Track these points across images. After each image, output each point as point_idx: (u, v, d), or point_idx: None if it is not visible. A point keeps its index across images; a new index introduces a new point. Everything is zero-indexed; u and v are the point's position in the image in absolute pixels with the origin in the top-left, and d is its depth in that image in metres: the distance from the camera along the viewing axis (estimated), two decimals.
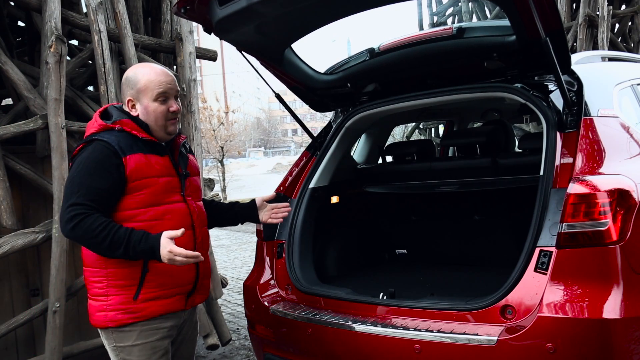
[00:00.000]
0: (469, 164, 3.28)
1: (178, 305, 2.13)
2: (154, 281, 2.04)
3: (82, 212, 1.90)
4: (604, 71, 2.89)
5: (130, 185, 2.00)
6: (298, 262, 2.81)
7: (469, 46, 2.64)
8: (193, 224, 2.15)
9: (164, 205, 2.07)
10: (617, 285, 1.90)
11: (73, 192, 1.94)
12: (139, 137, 2.05)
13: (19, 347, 3.69)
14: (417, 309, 2.31)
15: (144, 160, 2.04)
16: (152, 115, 2.09)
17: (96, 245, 1.93)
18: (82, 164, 1.99)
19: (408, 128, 12.22)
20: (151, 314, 2.05)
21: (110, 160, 1.97)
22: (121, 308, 2.02)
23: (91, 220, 1.90)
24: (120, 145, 2.00)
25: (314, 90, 3.12)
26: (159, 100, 2.08)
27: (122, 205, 2.01)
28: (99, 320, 2.07)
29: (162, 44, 4.39)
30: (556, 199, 2.07)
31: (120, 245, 1.90)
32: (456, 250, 3.54)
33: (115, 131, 2.04)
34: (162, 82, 2.10)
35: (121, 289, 2.02)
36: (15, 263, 3.68)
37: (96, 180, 1.95)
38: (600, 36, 7.85)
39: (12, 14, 4.67)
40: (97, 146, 2.00)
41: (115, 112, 2.13)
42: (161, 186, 2.06)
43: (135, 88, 2.10)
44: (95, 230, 1.89)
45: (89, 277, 2.09)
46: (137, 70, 2.15)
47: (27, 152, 3.76)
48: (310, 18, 2.63)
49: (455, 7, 11.92)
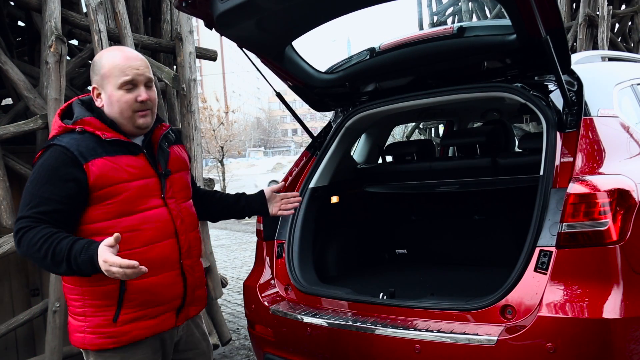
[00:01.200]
0: (469, 164, 3.28)
1: (167, 324, 1.88)
2: (134, 300, 1.78)
3: (26, 225, 1.67)
4: (604, 71, 2.89)
5: (95, 194, 1.74)
6: (298, 262, 2.81)
7: (470, 45, 2.64)
8: (177, 231, 1.88)
9: (140, 213, 1.80)
10: (617, 285, 1.89)
11: (24, 205, 1.71)
12: (103, 138, 1.78)
13: (19, 347, 3.69)
14: (417, 309, 2.31)
15: (110, 164, 1.76)
16: (116, 106, 1.81)
17: (40, 260, 1.67)
18: (36, 172, 1.75)
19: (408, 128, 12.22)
20: (134, 338, 1.80)
21: (66, 168, 1.72)
22: (101, 331, 1.78)
23: (33, 233, 1.65)
24: (81, 150, 1.73)
25: (314, 89, 3.12)
26: (124, 88, 1.80)
27: (88, 217, 1.76)
28: (78, 342, 1.84)
29: (162, 44, 4.39)
30: (556, 198, 2.07)
31: (63, 259, 1.63)
32: (456, 250, 3.54)
33: (76, 133, 1.77)
34: (127, 66, 1.80)
35: (99, 309, 1.78)
36: (15, 263, 3.68)
37: (48, 190, 1.70)
38: (600, 36, 7.85)
39: (12, 13, 4.68)
40: (53, 152, 1.74)
41: (77, 109, 1.85)
42: (134, 191, 1.79)
43: (99, 74, 1.82)
44: (37, 244, 1.64)
45: (66, 294, 1.86)
46: (103, 54, 1.88)
47: (27, 152, 3.76)
48: (311, 14, 2.63)
49: (455, 7, 11.93)
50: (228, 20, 2.47)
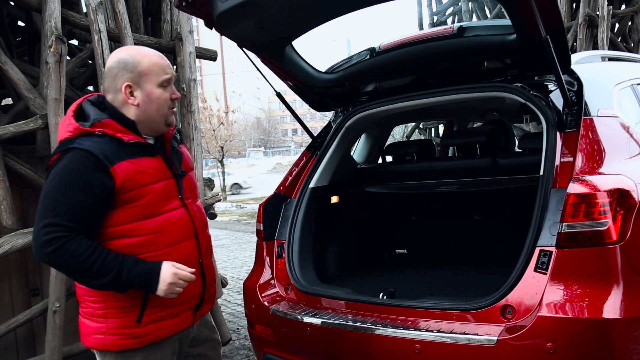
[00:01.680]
0: (469, 164, 3.28)
1: (186, 322, 1.92)
2: (157, 300, 1.79)
3: (64, 235, 1.65)
4: (604, 71, 2.88)
5: (120, 197, 1.73)
6: (298, 262, 2.81)
7: (470, 45, 2.64)
8: (196, 231, 1.91)
9: (163, 214, 1.81)
10: (617, 285, 1.89)
11: (48, 210, 1.67)
12: (125, 140, 1.75)
13: (19, 347, 3.69)
14: (417, 309, 2.31)
15: (133, 167, 1.75)
16: (154, 104, 1.81)
17: (80, 271, 1.69)
18: (58, 177, 1.70)
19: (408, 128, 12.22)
20: (157, 338, 1.82)
21: (93, 172, 1.69)
22: (124, 332, 1.79)
23: (76, 244, 1.65)
24: (105, 154, 1.70)
25: (314, 89, 3.12)
26: (163, 86, 1.83)
27: (113, 220, 1.75)
28: (96, 343, 1.83)
29: (162, 44, 4.39)
30: (556, 198, 2.07)
31: (112, 270, 1.67)
32: (456, 250, 3.54)
33: (96, 136, 1.73)
34: (165, 65, 1.84)
35: (122, 310, 1.78)
36: (15, 263, 3.68)
37: (75, 196, 1.67)
38: (600, 36, 7.85)
39: (12, 13, 4.68)
40: (76, 156, 1.70)
41: (92, 111, 1.80)
42: (157, 193, 1.80)
43: (135, 71, 1.79)
44: (81, 255, 1.65)
45: (83, 296, 1.85)
46: (133, 51, 1.85)
47: (27, 152, 3.76)
48: (311, 14, 2.63)
49: (455, 7, 11.92)
50: (228, 19, 2.47)
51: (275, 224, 2.95)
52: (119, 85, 1.81)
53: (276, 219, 2.95)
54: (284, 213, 2.97)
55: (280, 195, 3.05)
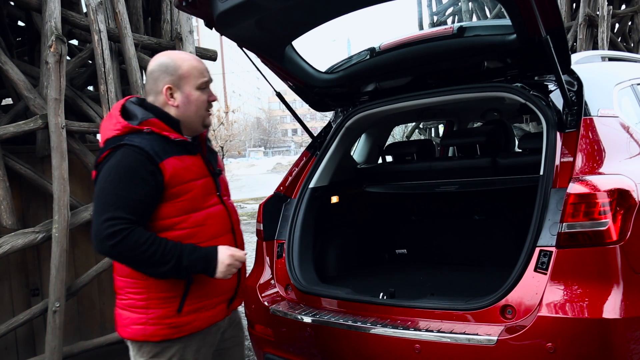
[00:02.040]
0: (469, 164, 3.28)
1: (221, 315, 1.99)
2: (198, 291, 1.88)
3: (125, 227, 1.72)
4: (604, 71, 2.89)
5: (169, 192, 1.82)
6: (298, 262, 2.81)
7: (470, 45, 2.64)
8: (232, 226, 2.01)
9: (204, 209, 1.91)
10: (617, 285, 1.89)
11: (107, 205, 1.74)
12: (171, 138, 1.85)
13: (19, 347, 3.69)
14: (417, 309, 2.31)
15: (180, 163, 1.85)
16: (193, 105, 1.91)
17: (142, 261, 1.76)
18: (113, 172, 1.78)
19: (408, 128, 12.22)
20: (195, 328, 1.89)
21: (145, 167, 1.78)
22: (165, 322, 1.85)
23: (137, 236, 1.73)
24: (155, 150, 1.80)
25: (314, 89, 3.12)
26: (201, 88, 1.92)
27: (160, 214, 1.84)
28: (136, 334, 1.88)
29: (162, 44, 4.39)
30: (556, 198, 2.07)
31: (172, 259, 1.75)
32: (456, 250, 3.54)
33: (145, 133, 1.82)
34: (204, 69, 1.94)
35: (164, 301, 1.85)
36: (15, 263, 3.68)
37: (132, 190, 1.76)
38: (600, 36, 7.85)
39: (12, 13, 4.68)
40: (128, 152, 1.78)
41: (138, 111, 1.89)
42: (200, 189, 1.90)
43: (176, 74, 1.89)
44: (143, 246, 1.73)
45: (125, 288, 1.90)
46: (174, 56, 1.95)
47: (27, 152, 3.76)
48: (311, 14, 2.63)
49: (455, 7, 11.92)
50: (228, 19, 2.47)
51: (275, 224, 2.95)
52: (160, 87, 1.90)
53: (276, 219, 2.96)
54: (284, 213, 2.98)
55: (280, 195, 3.05)
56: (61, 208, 3.45)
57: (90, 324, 4.00)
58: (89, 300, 3.98)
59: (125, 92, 4.26)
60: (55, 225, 3.44)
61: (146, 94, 1.96)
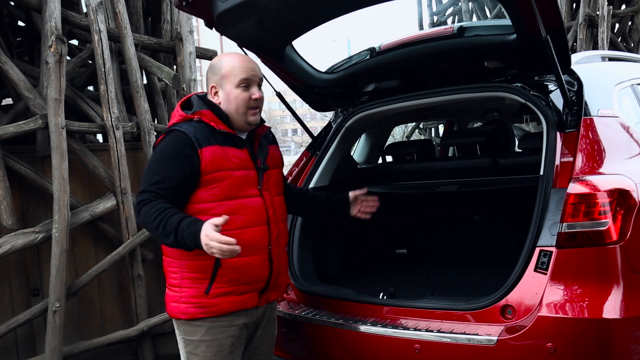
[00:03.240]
0: (469, 164, 3.27)
1: (250, 302, 2.06)
2: (226, 276, 1.97)
3: (145, 199, 1.89)
4: (604, 71, 2.88)
5: (205, 177, 1.95)
6: (298, 262, 2.81)
7: (470, 45, 2.64)
8: (268, 220, 2.08)
9: (239, 199, 2.00)
10: (617, 285, 1.89)
11: (146, 181, 1.93)
12: (217, 128, 1.99)
13: (19, 347, 3.70)
14: (417, 308, 2.31)
15: (220, 152, 1.97)
16: (233, 103, 2.03)
17: (153, 230, 1.88)
18: (157, 153, 1.99)
19: (408, 128, 12.22)
20: (222, 311, 1.99)
21: (185, 150, 1.93)
22: (193, 302, 1.98)
23: (151, 206, 1.86)
24: (197, 137, 1.95)
25: (314, 89, 3.12)
26: (241, 86, 2.03)
27: (196, 197, 1.97)
28: (172, 311, 2.05)
29: (162, 44, 4.39)
30: (556, 198, 2.06)
31: (172, 231, 1.83)
32: (456, 250, 3.53)
33: (194, 122, 2.00)
34: (245, 67, 2.04)
35: (194, 281, 1.98)
36: (15, 263, 3.68)
37: (168, 169, 1.92)
38: (600, 36, 7.85)
39: (12, 14, 4.68)
40: (174, 136, 1.97)
41: (196, 102, 2.07)
42: (237, 180, 2.00)
43: (219, 74, 2.05)
44: (152, 215, 1.85)
45: (166, 267, 2.07)
46: (222, 57, 2.12)
47: (27, 152, 3.76)
48: (311, 14, 2.63)
49: (455, 7, 11.92)
50: (228, 19, 2.47)
51: None
52: (208, 86, 2.09)
53: None
54: None
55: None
56: (61, 208, 3.46)
57: (90, 324, 4.00)
58: (89, 300, 3.98)
59: (125, 92, 4.27)
60: (55, 225, 3.44)
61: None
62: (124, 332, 3.90)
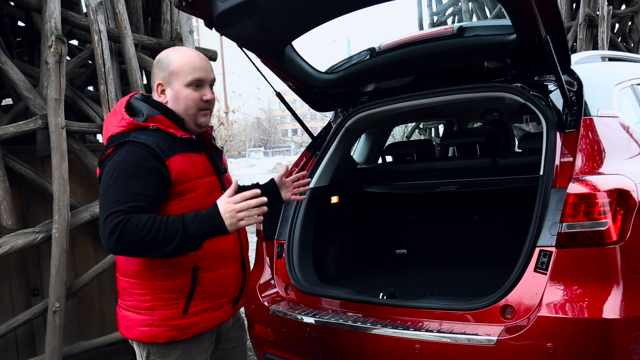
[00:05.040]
0: (469, 164, 3.28)
1: (227, 315, 1.96)
2: (204, 292, 1.84)
3: (123, 218, 1.65)
4: (604, 71, 2.89)
5: (175, 190, 1.78)
6: (298, 262, 2.81)
7: (470, 45, 2.64)
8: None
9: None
10: (617, 285, 1.90)
11: (112, 202, 1.68)
12: (177, 136, 1.80)
13: (19, 347, 3.69)
14: (417, 309, 2.31)
15: (186, 161, 1.80)
16: (182, 103, 1.85)
17: (149, 243, 1.66)
18: (116, 169, 1.72)
19: (408, 128, 12.22)
20: (200, 330, 1.85)
21: (149, 163, 1.72)
22: (170, 324, 1.81)
23: (136, 220, 1.65)
24: (161, 147, 1.75)
25: (314, 89, 3.12)
26: (192, 86, 1.85)
27: (165, 212, 1.77)
28: (141, 335, 1.83)
29: (162, 44, 4.38)
30: (556, 198, 2.07)
31: (177, 230, 1.66)
32: (456, 250, 3.54)
33: (150, 130, 1.77)
34: (197, 66, 1.86)
35: (169, 302, 1.80)
36: (15, 263, 3.68)
37: (136, 185, 1.70)
38: (600, 36, 7.85)
39: (12, 14, 4.68)
40: (132, 149, 1.73)
41: (144, 107, 1.84)
42: (206, 188, 1.85)
43: (167, 70, 1.85)
44: (144, 228, 1.64)
45: (129, 289, 1.85)
46: (170, 52, 1.92)
47: (27, 152, 3.76)
48: (311, 14, 2.63)
49: (455, 7, 11.93)
50: (228, 19, 2.47)
51: (275, 224, 2.95)
52: (154, 83, 1.88)
53: (276, 219, 2.96)
54: (283, 213, 2.97)
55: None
56: (61, 208, 3.45)
57: (90, 324, 4.00)
58: (89, 300, 3.98)
59: (125, 92, 4.26)
60: (55, 225, 3.44)
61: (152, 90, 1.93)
62: None
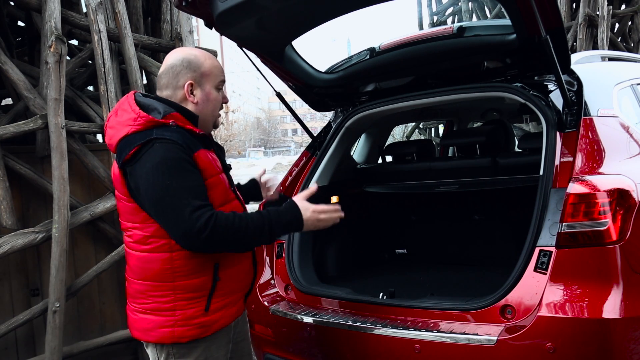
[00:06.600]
0: (469, 164, 3.28)
1: (241, 310, 2.00)
2: (223, 289, 1.85)
3: (212, 213, 1.67)
4: (604, 71, 2.89)
5: (204, 183, 1.79)
6: (298, 262, 2.81)
7: (470, 45, 2.64)
8: None
9: (228, 203, 1.88)
10: (616, 285, 1.89)
11: (182, 199, 1.65)
12: (195, 132, 1.81)
13: (19, 347, 3.70)
14: (417, 308, 2.31)
15: (208, 157, 1.81)
16: (211, 104, 1.90)
17: (239, 240, 1.74)
18: (162, 167, 1.67)
19: (408, 128, 12.22)
20: (221, 326, 1.87)
21: (187, 157, 1.71)
22: (193, 323, 1.80)
23: (223, 218, 1.68)
24: (187, 143, 1.73)
25: (314, 89, 3.12)
26: (219, 88, 1.92)
27: None
28: (163, 337, 1.81)
29: (162, 44, 4.39)
30: (556, 198, 2.07)
31: (263, 230, 1.75)
32: (456, 250, 3.54)
33: (172, 127, 1.75)
34: (221, 69, 1.93)
35: (190, 301, 1.80)
36: (15, 263, 3.69)
37: (191, 178, 1.70)
38: (600, 36, 7.86)
39: (12, 14, 4.68)
40: (166, 145, 1.69)
41: (157, 105, 1.81)
42: (225, 183, 1.88)
43: (198, 71, 1.85)
44: (233, 224, 1.69)
45: (147, 292, 1.82)
46: (195, 52, 1.91)
47: (27, 152, 3.76)
48: (311, 14, 2.63)
49: (455, 7, 11.94)
50: (228, 19, 2.47)
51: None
52: (181, 82, 1.85)
53: None
54: None
55: (280, 195, 3.04)
56: (61, 208, 3.46)
57: (90, 324, 4.00)
58: (89, 300, 3.99)
59: (125, 91, 4.26)
60: (55, 225, 3.44)
61: (160, 88, 1.89)
62: (124, 332, 3.90)
